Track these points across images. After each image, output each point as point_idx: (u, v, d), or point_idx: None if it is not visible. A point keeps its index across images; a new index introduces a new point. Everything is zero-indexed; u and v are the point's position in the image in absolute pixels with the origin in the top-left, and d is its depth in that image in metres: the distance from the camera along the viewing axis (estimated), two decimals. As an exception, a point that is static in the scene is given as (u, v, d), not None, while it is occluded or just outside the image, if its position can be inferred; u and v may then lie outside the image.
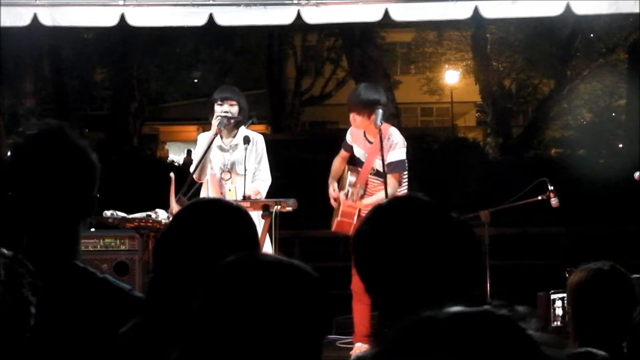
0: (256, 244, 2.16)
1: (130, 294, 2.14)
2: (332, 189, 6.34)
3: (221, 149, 5.97)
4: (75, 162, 2.14)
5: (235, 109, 5.91)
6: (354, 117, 6.10)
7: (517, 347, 1.01)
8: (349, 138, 6.33)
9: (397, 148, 6.14)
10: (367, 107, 6.03)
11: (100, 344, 1.96)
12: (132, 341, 1.85)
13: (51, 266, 2.00)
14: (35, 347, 1.70)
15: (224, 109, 5.88)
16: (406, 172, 6.22)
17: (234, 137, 6.00)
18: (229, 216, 2.12)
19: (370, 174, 6.22)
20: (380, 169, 6.05)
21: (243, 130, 6.01)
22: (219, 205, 2.19)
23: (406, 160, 6.20)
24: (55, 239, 2.11)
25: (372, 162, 6.17)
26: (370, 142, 6.20)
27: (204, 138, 6.01)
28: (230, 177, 5.95)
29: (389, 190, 5.96)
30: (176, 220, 2.18)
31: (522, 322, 1.04)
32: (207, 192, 5.92)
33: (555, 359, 1.03)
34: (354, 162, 6.37)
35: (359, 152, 6.29)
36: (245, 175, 5.88)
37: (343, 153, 6.43)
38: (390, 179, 6.07)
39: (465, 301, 1.09)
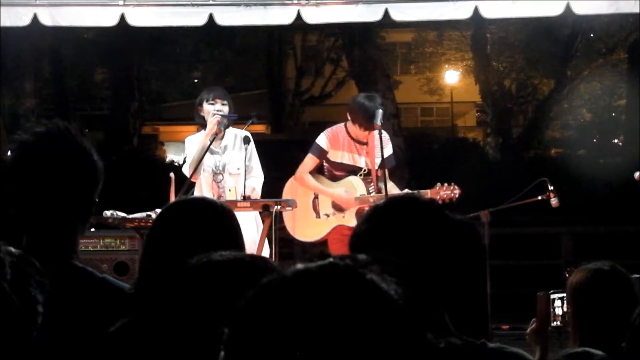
0: (240, 242, 2.15)
1: (130, 293, 2.13)
2: (340, 193, 6.22)
3: (211, 151, 5.95)
4: (80, 164, 2.14)
5: (226, 109, 5.94)
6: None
7: (360, 293, 1.04)
8: (325, 144, 6.23)
9: (389, 143, 6.31)
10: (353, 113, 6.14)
11: (100, 343, 1.96)
12: (122, 339, 1.85)
13: (50, 265, 2.00)
14: (35, 347, 1.70)
15: (217, 108, 5.90)
16: None
17: (222, 138, 6.00)
18: (212, 214, 2.12)
19: (364, 174, 6.24)
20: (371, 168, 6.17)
21: (231, 130, 6.02)
22: (203, 204, 2.19)
23: None
24: (54, 239, 2.11)
25: (375, 162, 6.17)
26: (364, 144, 6.20)
27: (195, 140, 6.00)
28: (223, 179, 5.96)
29: (389, 184, 6.13)
30: (160, 218, 2.18)
31: (364, 270, 1.07)
32: (201, 192, 5.93)
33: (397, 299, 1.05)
34: (321, 170, 6.35)
35: (342, 157, 6.23)
36: (245, 175, 5.88)
37: (314, 163, 6.30)
38: (386, 173, 6.21)
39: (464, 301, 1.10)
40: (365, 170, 6.22)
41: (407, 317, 1.06)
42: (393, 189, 6.15)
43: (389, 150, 6.24)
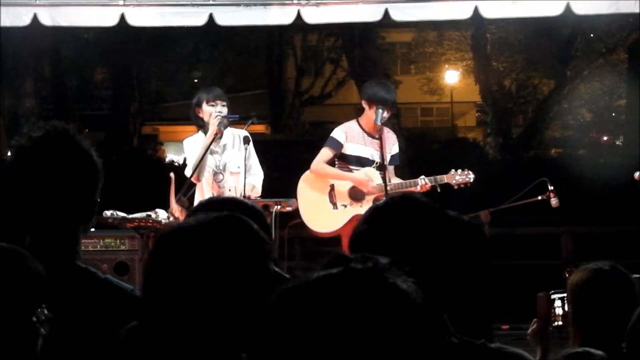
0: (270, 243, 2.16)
1: (133, 294, 2.13)
2: (361, 176, 6.24)
3: (210, 151, 5.96)
4: (80, 165, 2.13)
5: (225, 109, 5.95)
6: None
7: (384, 297, 1.04)
8: (342, 138, 6.31)
9: (397, 142, 6.47)
10: (368, 102, 6.19)
11: (104, 344, 1.95)
12: (131, 343, 1.84)
13: (53, 267, 2.00)
14: (42, 347, 1.70)
15: (218, 109, 5.90)
16: None
17: (221, 138, 6.01)
18: (247, 214, 2.12)
19: (376, 167, 6.28)
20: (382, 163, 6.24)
21: (229, 130, 6.04)
22: (235, 204, 2.20)
23: None
24: (57, 240, 2.11)
25: (386, 157, 6.23)
26: (377, 139, 6.25)
27: (193, 142, 6.00)
28: (224, 178, 5.97)
29: (397, 180, 6.26)
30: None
31: (387, 273, 1.06)
32: (202, 192, 5.93)
33: (420, 303, 1.05)
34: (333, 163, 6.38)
35: (358, 150, 6.30)
36: (245, 174, 5.89)
37: (331, 155, 6.35)
38: (392, 170, 6.33)
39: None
40: (377, 164, 6.27)
41: (430, 319, 1.06)
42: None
43: (396, 149, 6.40)
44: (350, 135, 6.31)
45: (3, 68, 15.76)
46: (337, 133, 6.34)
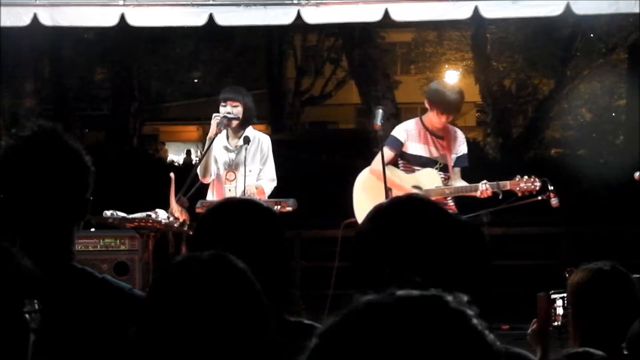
0: (282, 244, 2.16)
1: (131, 293, 2.13)
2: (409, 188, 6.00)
3: (227, 149, 5.98)
4: (69, 164, 2.11)
5: (238, 109, 5.91)
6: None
7: (461, 332, 1.01)
8: (402, 136, 6.12)
9: (465, 142, 6.30)
10: (431, 103, 6.05)
11: (103, 344, 1.95)
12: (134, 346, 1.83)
13: (48, 268, 1.99)
14: (39, 351, 1.69)
15: (227, 110, 5.90)
16: None
17: (240, 137, 6.00)
18: (261, 217, 2.13)
19: (439, 167, 6.16)
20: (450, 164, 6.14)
21: (249, 131, 6.01)
22: (250, 205, 2.20)
23: None
24: (49, 241, 2.09)
25: (451, 157, 6.14)
26: (441, 138, 6.14)
27: (216, 140, 6.02)
28: (235, 177, 5.95)
29: (461, 183, 6.09)
30: (206, 218, 2.18)
31: (465, 307, 1.05)
32: (213, 190, 5.95)
33: (496, 345, 1.04)
34: (396, 165, 6.22)
35: (419, 149, 6.12)
36: (246, 175, 5.88)
37: (391, 154, 6.10)
38: (458, 172, 6.19)
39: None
40: (441, 164, 6.13)
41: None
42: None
43: (463, 149, 6.24)
44: (410, 134, 6.11)
45: (3, 68, 15.76)
46: (398, 131, 6.16)
